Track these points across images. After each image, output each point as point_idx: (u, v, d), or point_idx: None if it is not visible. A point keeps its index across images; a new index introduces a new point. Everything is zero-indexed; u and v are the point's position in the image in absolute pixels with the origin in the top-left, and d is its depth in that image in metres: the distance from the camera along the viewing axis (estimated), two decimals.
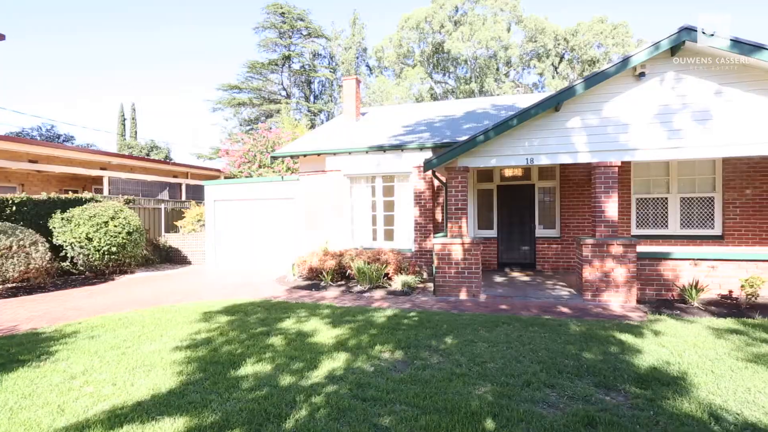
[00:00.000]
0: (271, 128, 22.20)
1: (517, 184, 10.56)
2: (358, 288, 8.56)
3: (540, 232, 10.43)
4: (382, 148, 10.17)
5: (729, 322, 5.56)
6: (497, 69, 33.45)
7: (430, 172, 9.24)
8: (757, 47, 6.15)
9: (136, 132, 38.57)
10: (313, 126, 32.02)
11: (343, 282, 9.21)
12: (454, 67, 35.42)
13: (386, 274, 8.90)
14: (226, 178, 20.78)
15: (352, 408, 3.37)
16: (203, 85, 66.19)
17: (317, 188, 11.30)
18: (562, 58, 32.91)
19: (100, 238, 10.45)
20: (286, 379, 3.96)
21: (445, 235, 7.92)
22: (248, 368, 4.26)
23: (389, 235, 10.66)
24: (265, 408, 3.39)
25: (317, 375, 4.07)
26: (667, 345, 4.72)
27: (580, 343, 4.83)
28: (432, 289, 7.97)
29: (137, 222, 11.52)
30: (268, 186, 12.69)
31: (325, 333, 5.41)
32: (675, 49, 6.69)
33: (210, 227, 13.31)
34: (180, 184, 20.34)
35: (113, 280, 10.72)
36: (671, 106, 6.89)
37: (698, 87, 6.80)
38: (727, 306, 6.38)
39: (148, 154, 34.50)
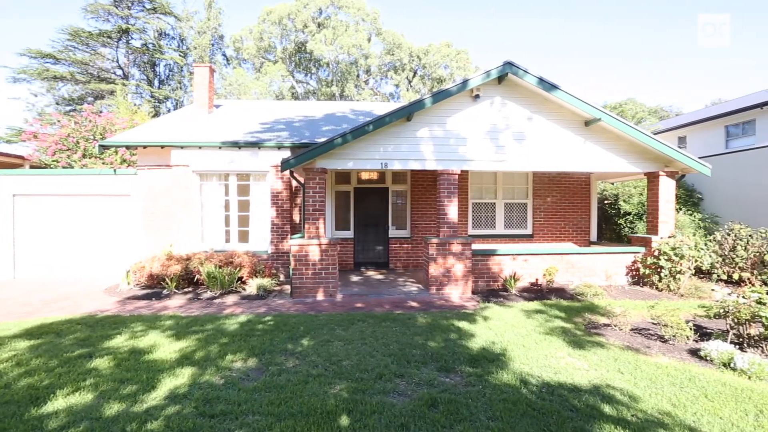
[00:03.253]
0: (101, 111, 18.72)
1: (373, 187, 11.14)
2: (209, 294, 7.85)
3: (393, 232, 11.19)
4: (237, 144, 9.54)
5: (536, 304, 6.89)
6: (357, 76, 34.73)
7: (288, 172, 9.05)
8: (553, 86, 7.78)
9: None
10: (157, 114, 28.14)
11: (190, 289, 8.32)
12: (317, 68, 35.50)
13: (240, 278, 8.38)
14: (32, 167, 16.67)
15: (197, 428, 3.07)
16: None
17: (160, 184, 9.98)
18: (415, 73, 36.00)
19: None
20: (113, 408, 3.38)
21: (303, 236, 7.86)
22: (58, 402, 3.49)
23: (244, 237, 10.06)
24: None
25: (155, 397, 3.58)
26: (493, 328, 5.58)
27: (426, 333, 5.35)
28: (289, 291, 7.81)
29: None
30: (95, 179, 10.65)
31: (166, 347, 4.80)
32: (501, 79, 7.97)
33: (5, 228, 10.51)
34: None
35: None
36: (498, 126, 8.18)
37: (517, 112, 8.23)
38: (535, 291, 7.89)
39: None
